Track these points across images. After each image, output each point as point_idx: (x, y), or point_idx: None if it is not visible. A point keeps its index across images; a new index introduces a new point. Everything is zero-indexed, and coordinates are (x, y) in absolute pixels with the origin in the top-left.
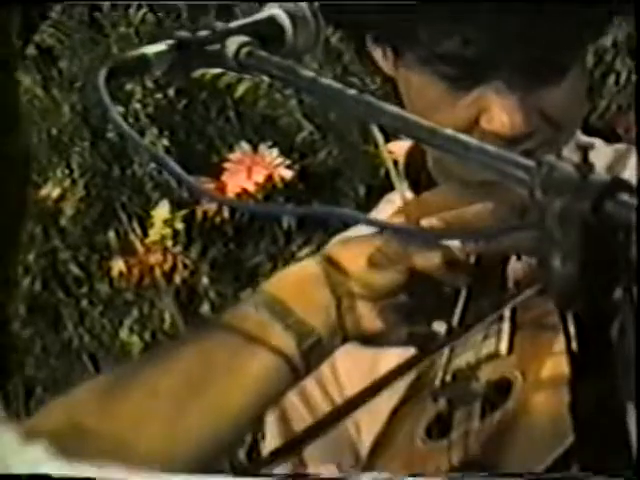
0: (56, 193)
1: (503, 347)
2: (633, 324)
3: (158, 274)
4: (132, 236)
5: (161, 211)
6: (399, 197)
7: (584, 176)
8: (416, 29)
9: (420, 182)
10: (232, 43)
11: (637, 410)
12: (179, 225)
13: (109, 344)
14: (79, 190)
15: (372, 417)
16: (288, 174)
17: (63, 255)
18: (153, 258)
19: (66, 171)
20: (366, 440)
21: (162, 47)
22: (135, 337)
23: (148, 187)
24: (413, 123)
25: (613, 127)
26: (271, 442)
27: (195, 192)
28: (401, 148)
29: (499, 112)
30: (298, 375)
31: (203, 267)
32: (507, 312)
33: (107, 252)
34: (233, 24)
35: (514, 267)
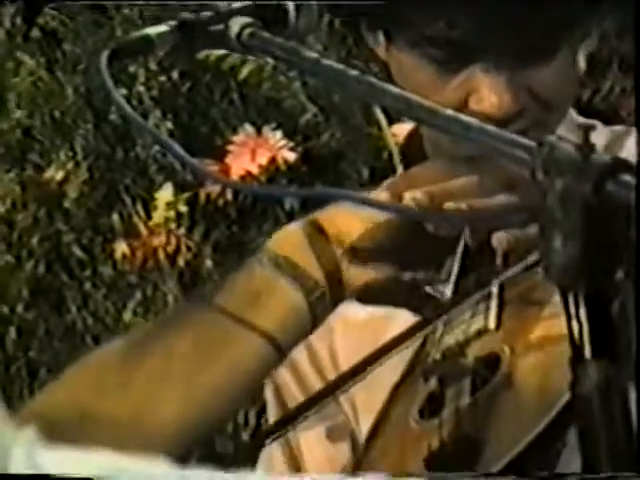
0: (60, 176)
1: (491, 323)
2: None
3: (161, 257)
4: (136, 219)
5: (165, 194)
6: None
7: (585, 156)
8: (405, 13)
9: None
10: (235, 24)
11: (637, 392)
12: (182, 208)
13: (113, 327)
14: (83, 173)
15: (369, 401)
16: (291, 156)
17: (67, 238)
18: (156, 241)
19: (70, 154)
20: (363, 424)
21: (165, 28)
22: (139, 319)
23: (152, 170)
24: (415, 104)
25: (616, 109)
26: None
27: (199, 174)
28: (404, 131)
29: (488, 93)
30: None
31: (206, 249)
32: (495, 288)
33: (111, 235)
34: (236, 5)
35: (499, 237)
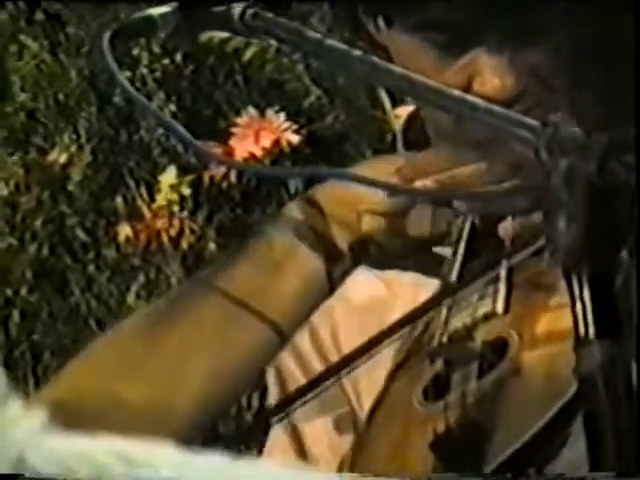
0: (63, 158)
1: (499, 307)
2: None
3: (165, 239)
4: (139, 201)
5: (168, 176)
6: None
7: (588, 134)
8: None
9: (417, 147)
10: (238, 5)
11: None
12: (186, 190)
13: (116, 309)
14: (86, 155)
15: (371, 383)
16: (295, 139)
17: (70, 221)
18: (160, 223)
19: (73, 136)
20: (365, 405)
21: (167, 9)
22: (142, 302)
23: (155, 152)
24: (420, 84)
25: None
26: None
27: (203, 156)
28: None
29: (490, 75)
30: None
31: (210, 232)
32: (503, 272)
33: (114, 217)
34: None
35: (505, 227)
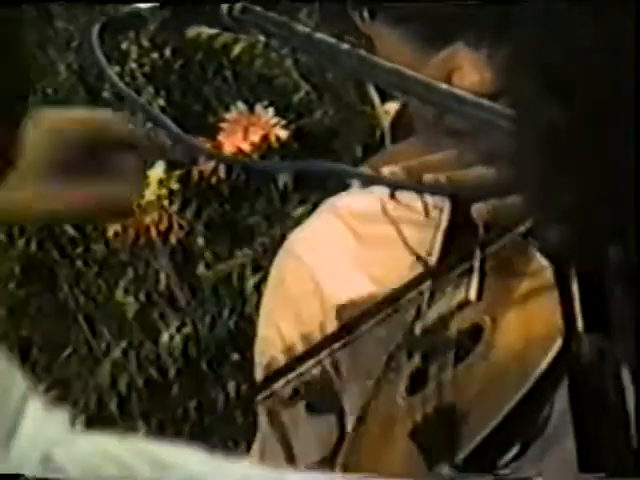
0: None
1: (472, 294)
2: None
3: (154, 234)
4: None
5: (157, 171)
6: None
7: None
8: None
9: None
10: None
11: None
12: (175, 185)
13: (104, 305)
14: None
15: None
16: (284, 134)
17: None
18: (149, 218)
19: None
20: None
21: (155, 3)
22: (131, 298)
23: None
24: (408, 78)
25: None
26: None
27: (192, 150)
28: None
29: (470, 69)
30: None
31: (199, 227)
32: (476, 261)
33: None
34: None
35: (478, 208)
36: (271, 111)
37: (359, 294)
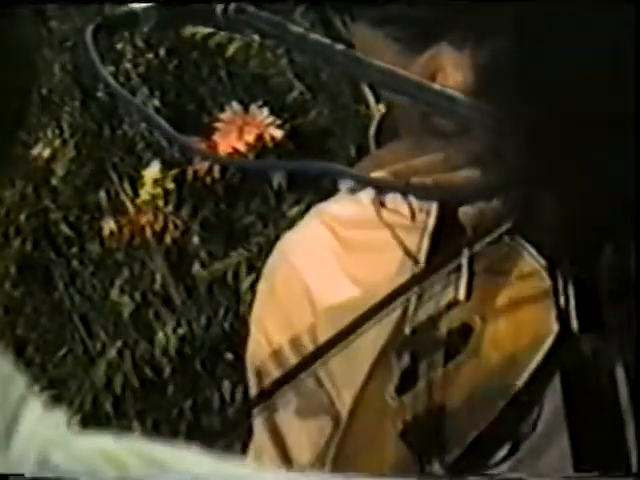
0: (47, 153)
1: (461, 294)
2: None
3: (149, 234)
4: (123, 196)
5: (152, 171)
6: None
7: None
8: None
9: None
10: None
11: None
12: (170, 185)
13: (100, 304)
14: (70, 150)
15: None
16: (279, 134)
17: (54, 215)
18: (144, 218)
19: (57, 131)
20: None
21: (150, 3)
22: (126, 297)
23: (139, 147)
24: (401, 77)
25: None
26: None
27: (186, 151)
28: None
29: (452, 70)
30: None
31: (194, 227)
32: (465, 260)
33: (98, 212)
34: None
35: (466, 212)
36: (266, 111)
37: (348, 297)
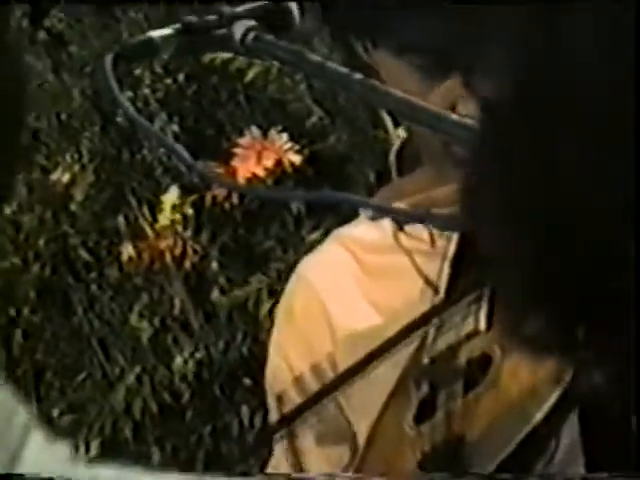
0: (66, 178)
1: (482, 324)
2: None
3: (168, 259)
4: (142, 221)
5: (171, 196)
6: None
7: None
8: (386, 21)
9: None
10: (239, 27)
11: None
12: (189, 210)
13: (119, 329)
14: (89, 175)
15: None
16: (298, 159)
17: (73, 240)
18: (163, 243)
19: (76, 156)
20: (362, 428)
21: (169, 31)
22: (145, 323)
23: (158, 172)
24: (418, 107)
25: None
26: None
27: (204, 178)
28: None
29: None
30: None
31: (213, 252)
32: (486, 290)
33: (117, 237)
34: (240, 8)
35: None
36: (285, 136)
37: (368, 325)
